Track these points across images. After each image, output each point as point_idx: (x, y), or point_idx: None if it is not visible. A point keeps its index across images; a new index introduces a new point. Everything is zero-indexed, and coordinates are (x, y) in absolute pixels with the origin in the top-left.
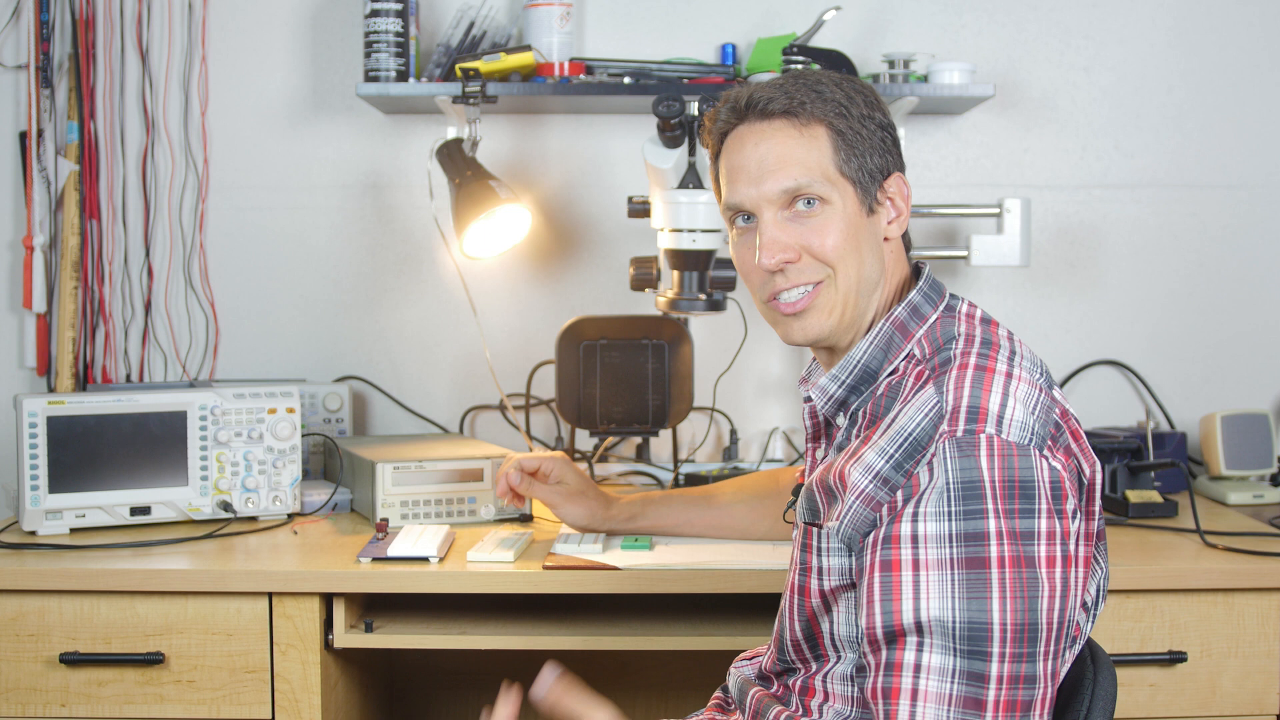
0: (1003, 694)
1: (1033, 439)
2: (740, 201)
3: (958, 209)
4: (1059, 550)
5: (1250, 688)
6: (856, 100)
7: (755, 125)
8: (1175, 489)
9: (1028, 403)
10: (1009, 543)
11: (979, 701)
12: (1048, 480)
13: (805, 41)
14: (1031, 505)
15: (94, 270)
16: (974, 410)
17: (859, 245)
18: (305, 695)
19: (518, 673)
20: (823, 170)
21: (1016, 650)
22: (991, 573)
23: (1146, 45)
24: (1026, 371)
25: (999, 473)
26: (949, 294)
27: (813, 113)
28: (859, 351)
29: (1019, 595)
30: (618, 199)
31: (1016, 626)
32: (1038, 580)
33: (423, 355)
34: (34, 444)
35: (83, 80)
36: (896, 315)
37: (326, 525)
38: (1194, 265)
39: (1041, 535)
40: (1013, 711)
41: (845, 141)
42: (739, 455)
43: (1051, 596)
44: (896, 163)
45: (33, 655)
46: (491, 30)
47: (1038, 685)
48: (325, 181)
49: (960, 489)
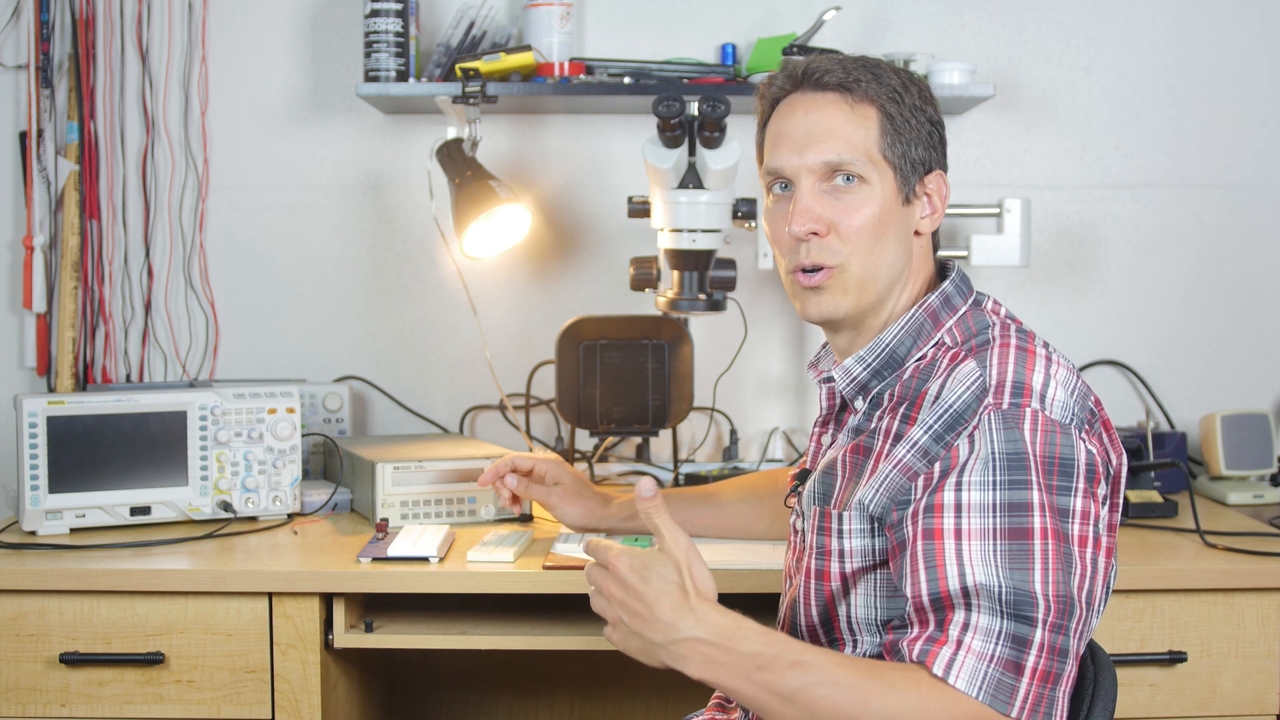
0: (1041, 662)
1: (1073, 419)
2: (781, 167)
3: (958, 209)
4: (1090, 531)
5: (1250, 688)
6: (911, 90)
7: (808, 95)
8: (1175, 489)
9: (1068, 385)
10: (1051, 516)
11: (1019, 666)
12: (1084, 461)
13: (805, 41)
14: (1070, 483)
15: (94, 270)
16: (1019, 385)
17: (885, 231)
18: (305, 695)
19: (518, 673)
20: (867, 150)
21: (1058, 621)
22: (1035, 543)
23: (1146, 45)
24: (1064, 359)
25: (1042, 447)
26: (975, 291)
27: (867, 92)
28: (889, 335)
29: (1060, 568)
30: (618, 199)
31: (1059, 598)
32: (1072, 557)
33: (423, 355)
34: (34, 444)
35: (83, 80)
36: (930, 303)
37: (326, 525)
38: (1194, 265)
39: (1076, 513)
40: (1046, 682)
41: (894, 126)
42: (739, 455)
43: (1083, 576)
44: (941, 161)
45: (33, 655)
46: (491, 30)
47: (1069, 661)
48: (325, 181)
49: (1005, 460)
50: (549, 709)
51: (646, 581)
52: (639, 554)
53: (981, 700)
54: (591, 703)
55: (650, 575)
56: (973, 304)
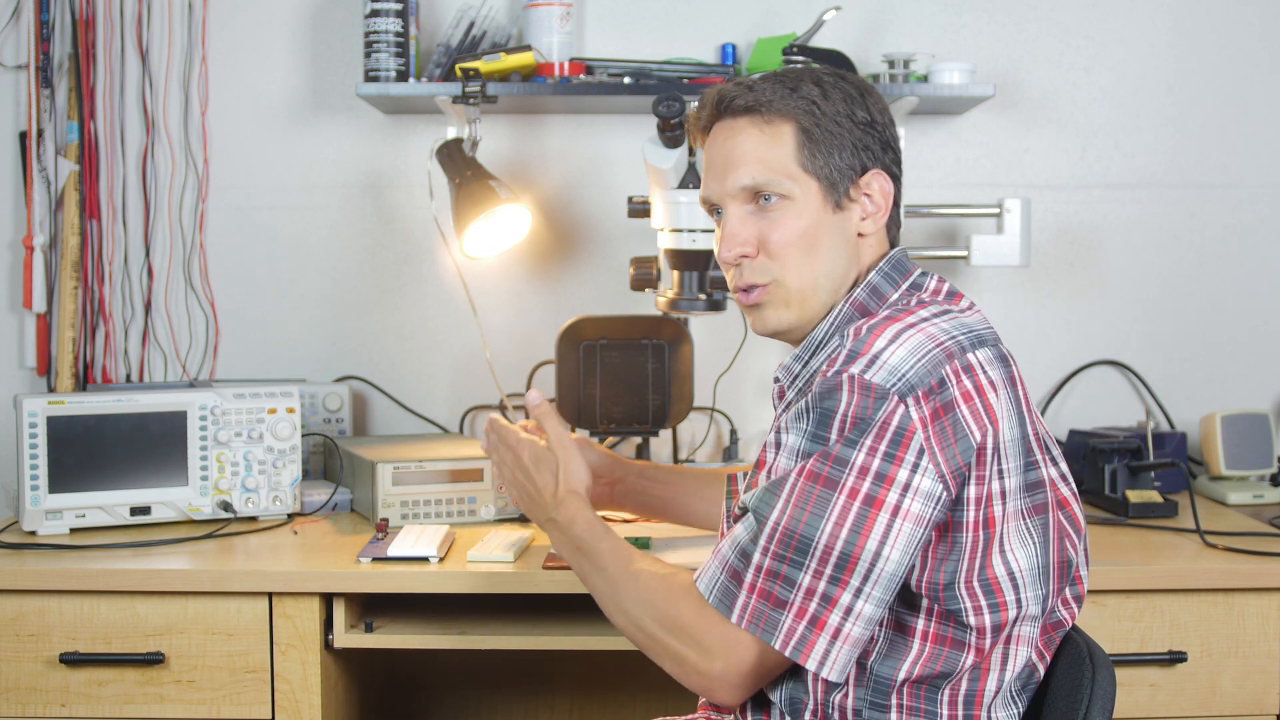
0: (759, 581)
1: (899, 384)
2: (708, 195)
3: (958, 209)
4: (873, 489)
5: (1250, 688)
6: (834, 97)
7: (726, 122)
8: (1175, 489)
9: (915, 351)
10: (817, 462)
11: (739, 576)
12: (894, 425)
13: (805, 41)
14: (859, 439)
15: (94, 270)
16: (853, 354)
17: (816, 242)
18: (305, 695)
19: (518, 673)
20: (783, 167)
21: (779, 551)
22: (789, 479)
23: (1146, 45)
24: (938, 329)
25: (853, 410)
26: (918, 273)
27: (779, 109)
28: (819, 332)
29: (800, 506)
30: (618, 199)
31: (786, 531)
32: (827, 502)
33: (423, 355)
34: (34, 444)
35: (83, 80)
36: (856, 297)
37: (326, 525)
38: (1194, 265)
39: (855, 467)
40: (765, 600)
41: (810, 139)
42: (739, 455)
43: (839, 524)
44: (877, 159)
45: (33, 655)
46: (491, 30)
47: (801, 595)
48: (325, 181)
49: (817, 415)
50: (549, 709)
51: (539, 471)
52: (537, 448)
53: (710, 601)
54: (591, 703)
55: (541, 467)
56: (910, 287)
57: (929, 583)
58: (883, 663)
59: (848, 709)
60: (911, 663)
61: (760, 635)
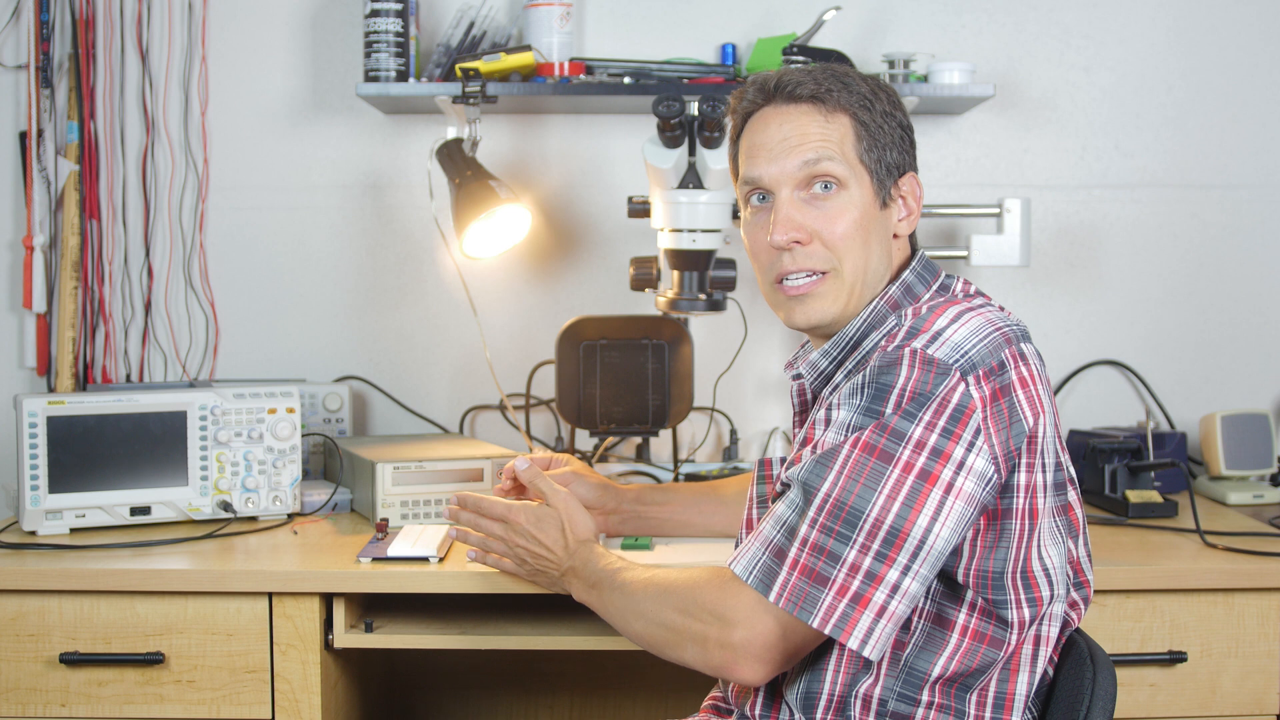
0: (803, 556)
1: (961, 360)
2: (759, 176)
3: (958, 209)
4: (928, 464)
5: (1250, 688)
6: (880, 97)
7: (782, 107)
8: (1175, 489)
9: (977, 331)
10: (872, 434)
11: (783, 554)
12: (954, 401)
13: (805, 41)
14: (917, 412)
15: (94, 270)
16: (913, 331)
17: (869, 236)
18: (305, 695)
19: (518, 673)
20: (843, 152)
21: (828, 524)
22: (843, 450)
23: (1146, 45)
24: (994, 314)
25: (912, 384)
26: (944, 275)
27: (839, 101)
28: (852, 328)
29: (853, 477)
30: (618, 199)
31: (836, 502)
32: (880, 474)
33: (423, 355)
34: (34, 444)
35: (83, 80)
36: (890, 294)
37: (326, 525)
38: (1194, 265)
39: (911, 440)
40: (807, 577)
41: (868, 132)
42: (739, 455)
43: (891, 497)
44: (912, 163)
45: (33, 655)
46: (491, 30)
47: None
48: (325, 181)
49: (873, 389)
50: (549, 709)
51: (544, 531)
52: (533, 510)
53: (750, 583)
54: (591, 703)
55: (545, 526)
56: (939, 288)
57: (978, 571)
58: (919, 655)
59: (873, 698)
60: (948, 658)
61: (798, 615)
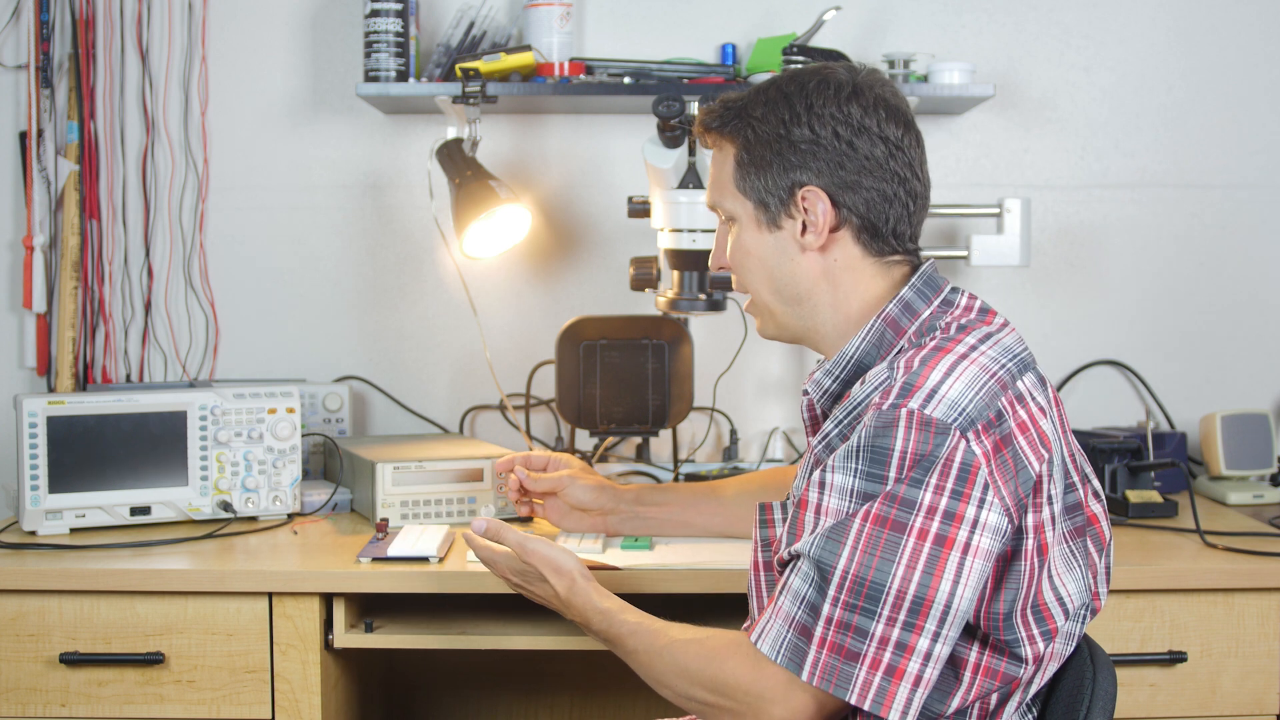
0: (830, 634)
1: (960, 418)
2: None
3: (958, 209)
4: (942, 529)
5: (1250, 688)
6: (780, 109)
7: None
8: (1175, 489)
9: (972, 384)
10: (882, 505)
11: (808, 632)
12: (958, 461)
13: (805, 41)
14: (924, 477)
15: (94, 270)
16: (908, 387)
17: (764, 262)
18: (305, 695)
19: (518, 673)
20: (726, 188)
21: (850, 600)
22: (854, 524)
23: (1146, 45)
24: (988, 358)
25: (913, 447)
26: (949, 288)
27: (729, 130)
28: (851, 348)
29: (869, 551)
30: (618, 199)
31: (856, 578)
32: (897, 545)
33: (423, 355)
34: (34, 444)
35: (83, 80)
36: (888, 312)
37: (326, 525)
38: (1194, 265)
39: (922, 507)
40: (837, 654)
41: (749, 158)
42: (739, 455)
43: (910, 566)
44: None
45: (33, 655)
46: (491, 30)
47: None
48: (325, 181)
49: (869, 452)
50: (549, 709)
51: (531, 584)
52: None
53: (779, 662)
54: (591, 703)
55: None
56: (942, 303)
57: (988, 614)
58: (933, 698)
59: None
60: (962, 696)
61: (834, 692)
